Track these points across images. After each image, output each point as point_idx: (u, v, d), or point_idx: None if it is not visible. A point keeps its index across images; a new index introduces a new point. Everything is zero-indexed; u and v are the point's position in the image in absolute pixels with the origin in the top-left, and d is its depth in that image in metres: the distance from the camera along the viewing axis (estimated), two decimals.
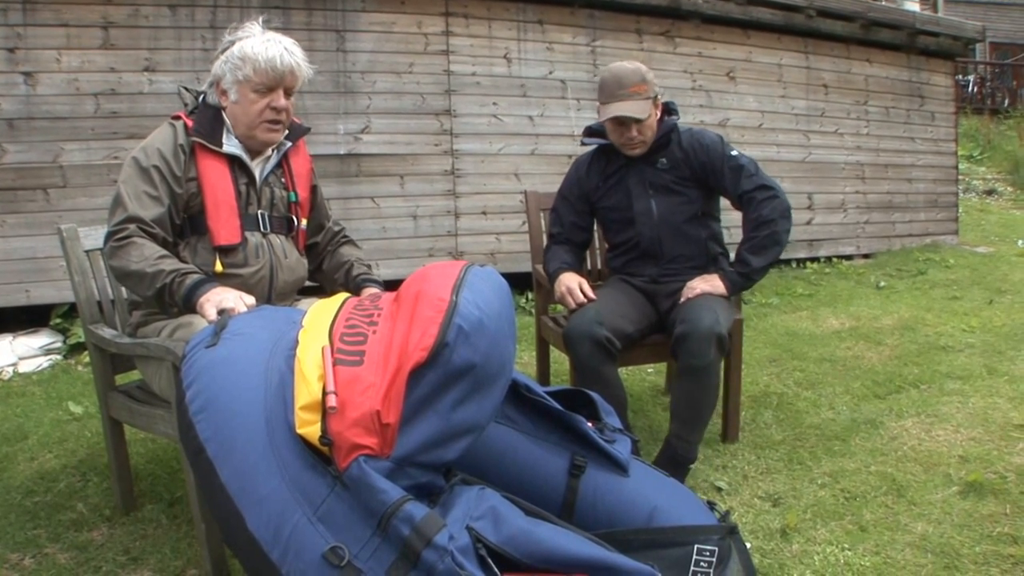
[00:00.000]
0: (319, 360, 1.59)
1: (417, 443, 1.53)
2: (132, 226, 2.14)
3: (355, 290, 2.50)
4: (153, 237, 2.17)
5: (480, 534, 1.52)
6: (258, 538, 1.48)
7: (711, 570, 1.86)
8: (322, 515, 1.48)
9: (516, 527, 1.56)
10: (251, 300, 2.05)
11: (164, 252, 2.14)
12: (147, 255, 2.10)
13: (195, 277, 2.09)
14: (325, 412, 1.51)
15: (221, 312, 1.94)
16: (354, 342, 1.62)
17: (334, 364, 1.57)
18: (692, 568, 1.84)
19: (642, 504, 1.96)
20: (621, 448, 2.04)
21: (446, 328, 1.54)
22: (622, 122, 2.78)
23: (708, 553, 1.87)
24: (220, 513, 1.56)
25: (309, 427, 1.52)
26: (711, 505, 2.07)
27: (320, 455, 1.53)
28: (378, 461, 1.50)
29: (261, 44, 2.23)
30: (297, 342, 1.68)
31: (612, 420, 2.15)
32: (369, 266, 2.60)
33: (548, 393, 2.08)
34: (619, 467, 2.01)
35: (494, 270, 1.85)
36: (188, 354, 1.72)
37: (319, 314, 1.77)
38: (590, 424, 2.06)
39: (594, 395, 2.20)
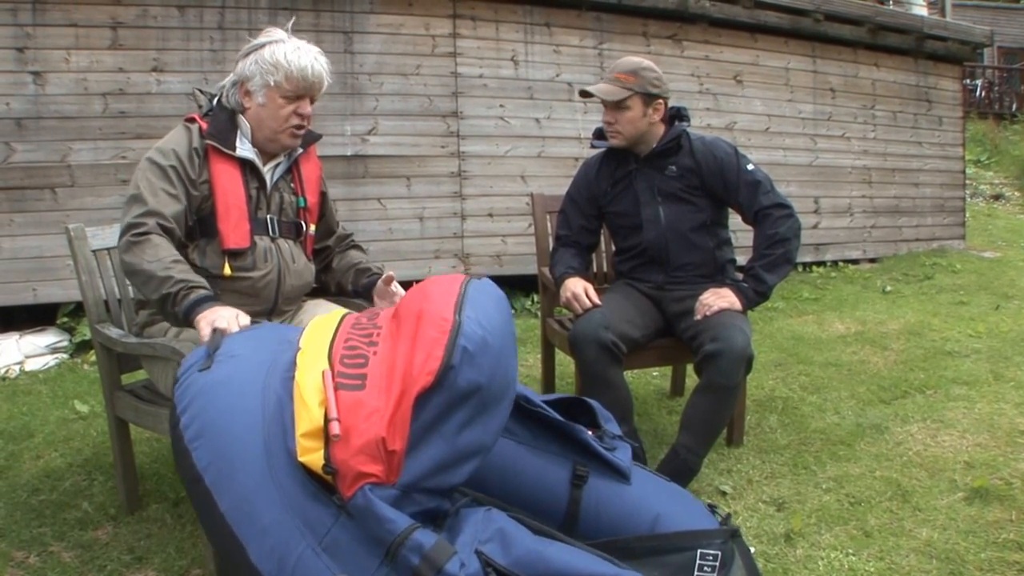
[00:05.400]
0: (320, 384, 1.54)
1: (424, 469, 1.49)
2: (152, 221, 2.12)
3: (365, 291, 2.51)
4: (170, 234, 2.15)
5: (490, 558, 1.49)
6: (261, 570, 1.45)
7: (714, 574, 1.85)
8: (327, 545, 1.45)
9: (525, 548, 1.54)
10: (246, 320, 2.01)
11: (178, 257, 2.12)
12: (161, 256, 2.08)
13: (200, 293, 2.06)
14: (328, 439, 1.47)
15: (215, 331, 1.90)
16: (355, 364, 1.58)
17: (336, 389, 1.52)
18: (696, 573, 1.84)
19: (645, 512, 1.95)
20: (622, 456, 2.03)
21: (451, 350, 1.50)
22: (606, 105, 2.80)
23: (711, 558, 1.86)
24: (221, 544, 1.52)
25: (312, 455, 1.48)
26: (712, 508, 2.06)
27: (322, 483, 1.49)
28: (384, 489, 1.46)
29: (293, 52, 2.24)
30: (295, 365, 1.63)
31: (612, 427, 2.13)
32: (380, 268, 2.59)
33: (546, 402, 2.06)
34: (621, 475, 1.99)
35: (491, 282, 1.84)
36: (181, 377, 1.67)
37: (317, 334, 1.72)
38: (590, 432, 2.04)
39: (593, 402, 2.18)
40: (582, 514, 1.93)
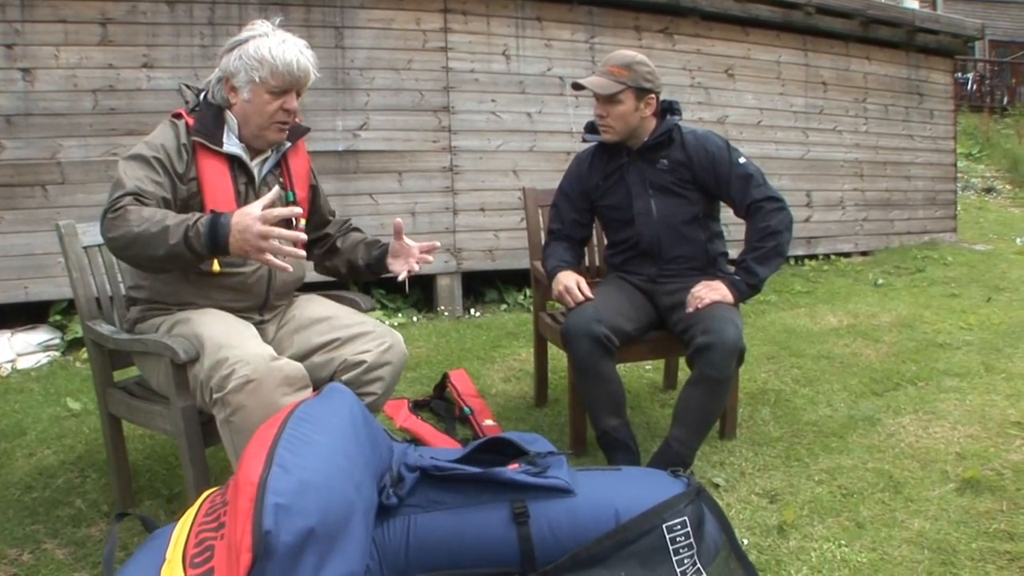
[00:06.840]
0: None
1: None
2: (128, 197, 2.04)
3: (377, 262, 2.50)
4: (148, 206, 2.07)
5: None
6: None
7: (692, 540, 1.83)
8: None
9: None
10: (293, 209, 2.02)
11: (164, 210, 2.04)
12: (146, 215, 1.99)
13: (205, 220, 1.97)
14: None
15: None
16: (203, 561, 1.54)
17: None
18: (671, 547, 1.81)
19: (603, 512, 1.89)
20: (556, 472, 1.97)
21: (260, 517, 1.45)
22: (598, 98, 2.80)
23: (679, 526, 1.83)
24: None
25: None
26: (675, 473, 2.02)
27: None
28: None
29: (278, 46, 2.19)
30: None
31: (539, 446, 2.08)
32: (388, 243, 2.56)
33: (462, 457, 2.02)
34: (562, 491, 1.94)
35: (336, 389, 1.85)
36: None
37: (178, 536, 1.67)
38: (513, 466, 1.99)
39: (509, 434, 2.13)
40: (538, 547, 1.87)
